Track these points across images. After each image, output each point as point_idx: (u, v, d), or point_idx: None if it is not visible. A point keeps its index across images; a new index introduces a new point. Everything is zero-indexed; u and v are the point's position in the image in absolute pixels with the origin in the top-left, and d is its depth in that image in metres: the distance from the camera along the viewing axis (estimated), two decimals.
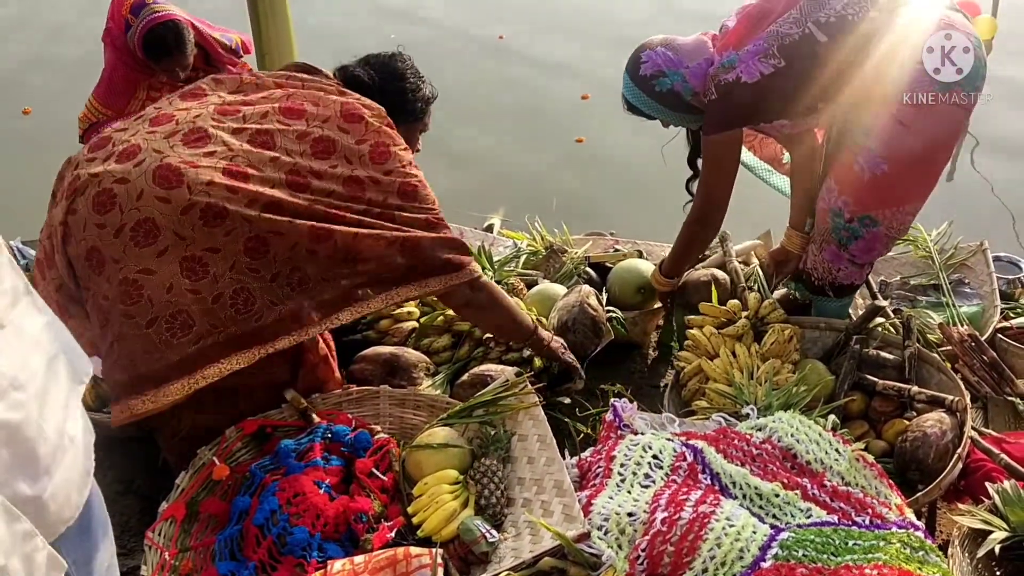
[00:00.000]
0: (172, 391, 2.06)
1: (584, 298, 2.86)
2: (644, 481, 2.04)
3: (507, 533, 2.02)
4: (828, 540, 1.85)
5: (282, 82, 2.41)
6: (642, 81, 2.74)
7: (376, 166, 2.27)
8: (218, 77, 2.46)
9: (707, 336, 2.76)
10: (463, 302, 2.41)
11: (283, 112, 2.28)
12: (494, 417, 2.29)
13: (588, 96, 5.89)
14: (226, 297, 2.09)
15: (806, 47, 2.51)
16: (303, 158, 2.21)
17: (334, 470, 2.16)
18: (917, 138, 2.52)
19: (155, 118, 2.28)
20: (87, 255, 2.11)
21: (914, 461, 2.28)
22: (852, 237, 2.72)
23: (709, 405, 2.56)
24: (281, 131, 2.23)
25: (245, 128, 2.22)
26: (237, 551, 2.00)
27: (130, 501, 2.67)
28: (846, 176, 2.66)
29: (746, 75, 2.55)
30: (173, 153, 2.14)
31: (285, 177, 2.16)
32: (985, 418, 2.61)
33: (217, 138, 2.18)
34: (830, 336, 2.82)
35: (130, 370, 2.07)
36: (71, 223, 2.13)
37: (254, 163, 2.15)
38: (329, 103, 2.32)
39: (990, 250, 3.37)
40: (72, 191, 2.15)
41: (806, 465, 2.11)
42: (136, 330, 2.06)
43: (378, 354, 2.76)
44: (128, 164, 2.13)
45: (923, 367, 2.66)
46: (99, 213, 2.09)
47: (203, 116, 2.25)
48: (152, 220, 2.06)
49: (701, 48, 2.69)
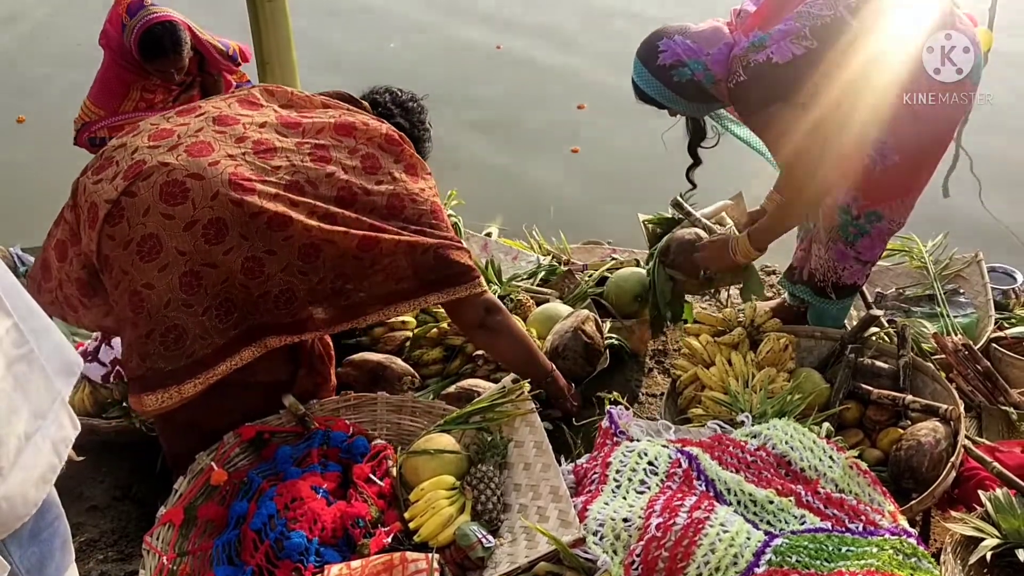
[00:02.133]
0: (219, 371, 2.17)
1: (580, 323, 2.83)
2: (639, 487, 2.05)
3: (503, 538, 2.03)
4: (822, 546, 1.86)
5: (328, 103, 2.52)
6: (660, 71, 2.69)
7: (413, 184, 2.41)
8: (270, 88, 2.54)
9: (703, 344, 2.78)
10: (477, 322, 2.47)
11: (336, 128, 2.39)
12: (491, 423, 2.30)
13: (584, 106, 5.91)
14: (271, 295, 2.20)
15: (838, 29, 2.51)
16: (355, 173, 2.32)
17: (331, 476, 2.17)
18: (927, 127, 2.54)
19: (218, 117, 2.35)
20: (140, 241, 2.15)
21: (908, 469, 2.30)
22: (859, 233, 2.72)
23: (705, 412, 2.57)
24: (335, 146, 2.35)
25: (305, 143, 2.33)
26: (235, 556, 2.01)
27: (128, 506, 2.68)
28: (857, 171, 2.65)
29: (778, 55, 2.52)
30: (245, 163, 2.22)
31: (336, 193, 2.27)
32: (979, 427, 2.63)
33: (282, 153, 2.28)
34: (825, 345, 2.83)
35: (183, 357, 2.14)
36: (126, 204, 2.16)
37: (312, 179, 2.26)
38: (372, 125, 2.44)
39: (984, 261, 3.38)
40: (134, 174, 2.18)
41: (800, 472, 2.12)
42: (194, 317, 2.14)
43: (365, 361, 2.77)
44: (202, 160, 2.20)
45: (917, 376, 2.67)
46: (168, 204, 2.15)
47: (268, 127, 2.34)
48: (224, 220, 2.15)
49: (719, 34, 2.67)
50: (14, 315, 1.36)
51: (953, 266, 3.40)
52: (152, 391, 2.13)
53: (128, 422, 2.71)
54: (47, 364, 1.42)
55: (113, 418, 2.75)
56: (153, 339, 2.13)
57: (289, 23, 3.87)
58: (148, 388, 2.13)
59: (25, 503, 1.34)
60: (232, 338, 2.18)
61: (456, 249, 2.39)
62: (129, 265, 2.15)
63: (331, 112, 2.46)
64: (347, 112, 2.48)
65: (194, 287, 2.14)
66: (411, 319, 3.03)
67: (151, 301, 2.13)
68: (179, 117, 2.38)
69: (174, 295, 2.13)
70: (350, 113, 2.48)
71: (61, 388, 1.46)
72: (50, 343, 1.47)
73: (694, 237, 2.99)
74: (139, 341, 2.14)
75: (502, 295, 3.10)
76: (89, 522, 2.62)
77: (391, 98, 2.68)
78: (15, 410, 1.32)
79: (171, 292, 2.13)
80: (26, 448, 1.34)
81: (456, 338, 2.91)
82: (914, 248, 3.47)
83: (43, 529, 1.53)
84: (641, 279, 3.21)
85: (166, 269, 2.13)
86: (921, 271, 3.41)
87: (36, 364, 1.39)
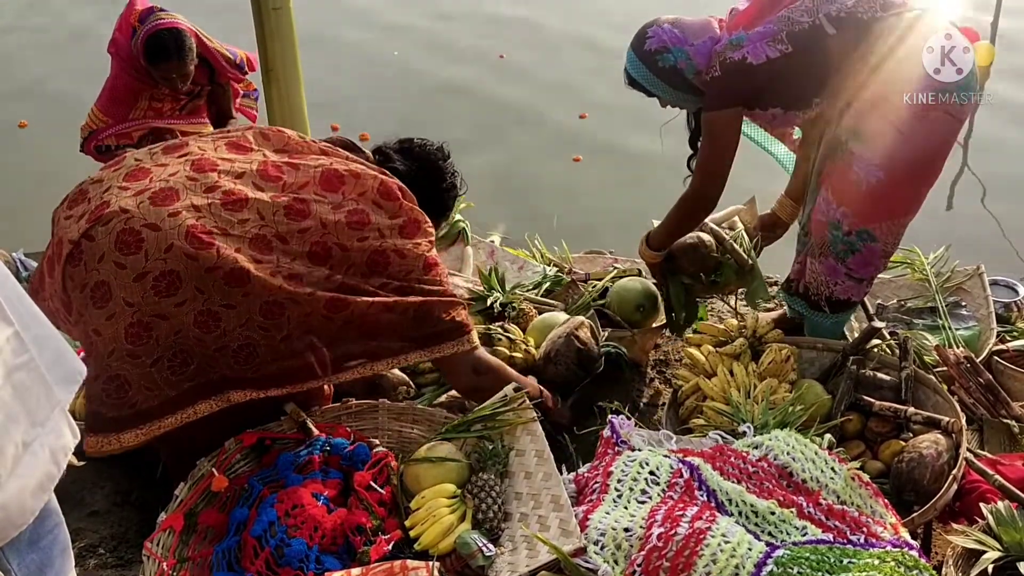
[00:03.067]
0: (166, 424, 2.12)
1: (573, 329, 2.82)
2: (641, 497, 2.05)
3: (504, 547, 2.03)
4: (823, 558, 1.85)
5: (327, 150, 2.45)
6: (646, 55, 2.74)
7: (405, 240, 2.33)
8: (264, 131, 2.49)
9: (705, 355, 2.78)
10: (465, 384, 2.47)
11: (323, 181, 2.32)
12: (492, 432, 2.29)
13: (586, 115, 5.93)
14: (230, 349, 2.14)
15: (814, 37, 2.54)
16: (335, 229, 2.26)
17: (332, 483, 2.17)
18: (911, 146, 2.54)
19: (197, 161, 2.30)
20: (94, 287, 2.12)
21: (910, 482, 2.30)
22: (849, 250, 2.73)
23: (706, 423, 2.57)
24: (317, 200, 2.28)
25: (281, 196, 2.27)
26: (235, 562, 2.01)
27: (128, 512, 2.68)
28: (843, 187, 2.67)
29: (752, 56, 2.56)
30: (210, 215, 2.17)
31: (309, 248, 2.22)
32: (980, 440, 2.62)
33: (253, 206, 2.22)
34: (827, 357, 2.83)
35: (124, 406, 2.10)
36: (85, 248, 2.14)
37: (282, 234, 2.21)
38: (365, 179, 2.37)
39: (987, 274, 3.39)
40: (96, 217, 2.15)
41: (802, 483, 2.12)
42: (140, 368, 2.10)
43: None
44: (162, 210, 2.15)
45: (919, 389, 2.67)
46: (121, 252, 2.11)
47: (246, 177, 2.28)
48: (177, 273, 2.10)
49: (707, 28, 2.72)
50: (15, 323, 1.36)
51: (955, 278, 3.41)
52: (94, 433, 2.11)
53: None
54: (48, 372, 1.42)
55: None
56: (98, 384, 2.11)
57: (295, 32, 3.88)
58: (91, 430, 2.12)
59: (22, 512, 1.34)
60: (186, 390, 2.12)
61: (445, 305, 2.34)
62: (83, 308, 2.13)
63: (323, 161, 2.38)
64: (341, 161, 2.41)
65: (142, 338, 2.09)
66: None
67: (97, 348, 2.12)
68: (163, 155, 2.35)
69: (118, 345, 2.09)
70: (345, 163, 2.40)
71: (62, 396, 1.46)
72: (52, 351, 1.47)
73: (696, 241, 3.00)
74: (88, 383, 2.10)
75: (504, 303, 3.09)
76: (89, 527, 2.62)
77: (398, 146, 2.62)
78: (13, 419, 1.31)
79: (116, 342, 2.09)
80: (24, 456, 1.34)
81: None
82: (916, 260, 3.47)
83: (42, 536, 1.53)
84: (643, 289, 3.21)
85: (113, 318, 2.10)
86: (923, 283, 3.41)
87: (36, 373, 1.39)
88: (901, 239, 2.79)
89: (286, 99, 3.93)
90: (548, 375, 2.72)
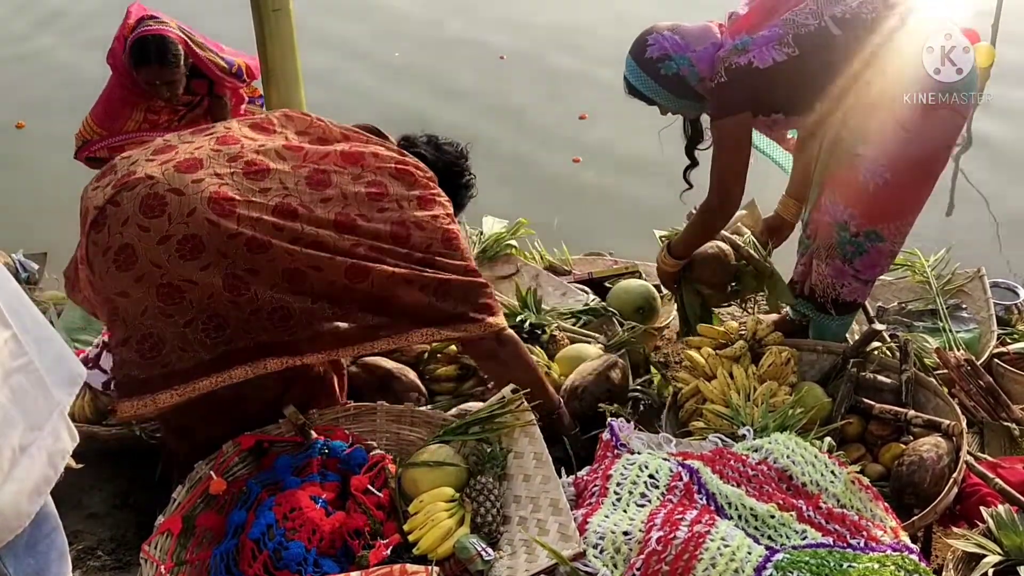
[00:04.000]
0: (201, 386, 2.13)
1: (606, 368, 2.71)
2: (640, 500, 2.05)
3: (503, 551, 2.02)
4: (823, 562, 1.85)
5: (349, 133, 2.47)
6: (647, 63, 2.71)
7: (423, 211, 2.34)
8: (289, 114, 2.51)
9: (705, 357, 2.77)
10: (488, 354, 2.44)
11: (343, 156, 2.35)
12: (490, 434, 2.29)
13: (586, 116, 5.92)
14: (264, 312, 2.17)
15: (821, 39, 2.52)
16: (356, 200, 2.28)
17: (330, 486, 2.17)
18: (916, 145, 2.54)
19: (222, 138, 2.34)
20: (118, 250, 2.14)
21: (910, 485, 2.29)
22: (857, 252, 2.73)
23: (706, 426, 2.56)
24: (337, 172, 2.31)
25: (303, 166, 2.30)
26: (233, 565, 2.00)
27: (126, 515, 2.68)
28: (849, 188, 2.66)
29: (758, 60, 2.54)
30: (232, 183, 2.20)
31: (334, 218, 2.24)
32: (981, 443, 2.62)
33: (275, 175, 2.25)
34: (827, 359, 2.83)
35: (158, 365, 2.13)
36: (110, 212, 2.17)
37: (306, 203, 2.23)
38: (387, 157, 2.40)
39: (987, 276, 3.38)
40: (121, 184, 2.19)
41: (802, 487, 2.12)
42: (174, 328, 2.13)
43: (377, 366, 2.75)
44: (186, 176, 2.19)
45: (920, 391, 2.67)
46: (145, 216, 2.14)
47: (267, 150, 2.31)
48: (199, 237, 2.13)
49: (708, 33, 2.69)
50: (14, 326, 1.36)
51: (956, 281, 3.40)
52: (128, 398, 2.13)
53: (128, 430, 2.70)
54: (46, 375, 1.42)
55: (113, 426, 2.74)
56: (130, 345, 2.13)
57: (294, 32, 3.87)
58: (123, 395, 2.14)
59: (18, 515, 1.33)
60: (221, 354, 2.14)
61: (469, 285, 2.33)
62: (105, 272, 2.16)
63: (345, 144, 2.40)
64: (363, 144, 2.43)
65: (175, 299, 2.12)
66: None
67: (127, 310, 2.14)
68: (191, 136, 2.39)
69: (151, 303, 2.12)
70: (367, 144, 2.43)
71: (61, 399, 1.46)
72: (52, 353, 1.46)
73: (717, 251, 2.99)
74: (116, 347, 2.15)
75: (535, 324, 3.00)
76: (87, 530, 2.62)
77: (425, 137, 2.63)
78: (11, 422, 1.31)
79: (148, 301, 2.12)
80: (20, 460, 1.33)
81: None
82: (916, 263, 3.47)
83: (39, 540, 1.53)
84: (642, 290, 3.21)
85: (142, 280, 2.12)
86: (924, 286, 3.40)
87: (35, 376, 1.39)
88: (905, 239, 2.79)
89: (286, 101, 3.92)
90: (568, 410, 2.62)
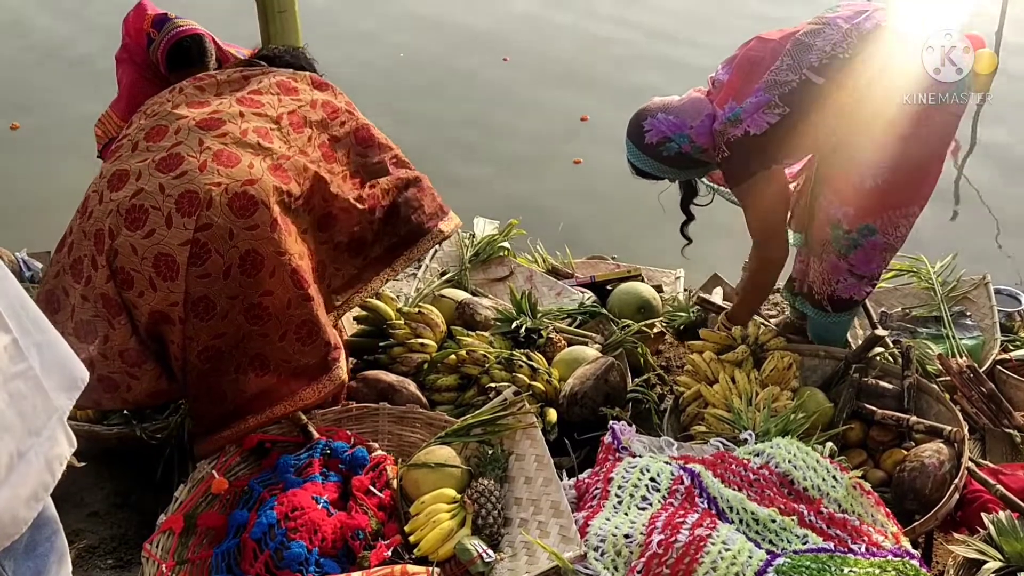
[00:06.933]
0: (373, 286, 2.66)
1: (603, 372, 2.70)
2: (641, 503, 2.05)
3: (504, 553, 2.02)
4: (824, 566, 1.85)
5: (249, 74, 2.64)
6: (649, 148, 2.74)
7: (333, 122, 2.56)
8: (200, 84, 2.66)
9: (706, 362, 2.77)
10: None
11: (279, 86, 2.58)
12: (492, 436, 2.29)
13: (587, 118, 5.92)
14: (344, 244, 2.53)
15: (807, 93, 2.55)
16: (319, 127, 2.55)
17: (332, 486, 2.17)
18: (916, 146, 2.56)
19: (241, 99, 2.50)
20: (241, 259, 2.21)
21: (911, 491, 2.29)
22: (852, 246, 2.73)
23: (707, 430, 2.56)
24: (297, 112, 2.54)
25: (281, 116, 2.48)
26: (234, 565, 2.01)
27: (128, 514, 2.68)
28: (847, 188, 2.67)
29: (754, 128, 2.57)
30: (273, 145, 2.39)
31: (321, 153, 2.50)
32: (983, 449, 2.62)
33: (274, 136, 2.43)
34: (829, 364, 2.83)
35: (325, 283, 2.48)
36: (206, 239, 2.18)
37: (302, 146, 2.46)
38: (272, 84, 2.59)
39: (992, 283, 3.37)
40: (192, 209, 2.18)
41: (803, 491, 2.12)
42: (270, 345, 2.30)
43: (378, 380, 2.69)
44: (243, 167, 2.28)
45: (922, 397, 2.66)
46: (243, 217, 2.23)
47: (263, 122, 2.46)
48: (288, 206, 2.36)
49: (700, 105, 2.70)
50: (14, 330, 1.36)
51: (961, 288, 3.38)
52: (327, 372, 2.40)
53: (129, 429, 2.70)
54: (46, 380, 1.41)
55: (114, 425, 2.74)
56: (288, 339, 2.31)
57: (300, 34, 3.88)
58: (310, 379, 2.38)
59: (15, 521, 1.32)
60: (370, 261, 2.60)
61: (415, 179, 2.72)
62: (237, 288, 2.21)
63: (268, 85, 2.57)
64: (272, 74, 2.63)
65: (306, 281, 2.33)
66: (431, 342, 2.92)
67: (274, 305, 2.27)
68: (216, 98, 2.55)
69: (292, 295, 2.30)
70: (274, 75, 2.61)
71: (61, 404, 1.45)
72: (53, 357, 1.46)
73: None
74: (275, 349, 2.30)
75: (531, 328, 2.97)
76: (89, 529, 2.62)
77: (283, 50, 2.90)
78: (8, 427, 1.31)
79: (288, 292, 2.29)
80: (18, 466, 1.33)
81: (473, 368, 2.77)
82: (922, 269, 3.46)
83: (39, 544, 1.52)
84: (643, 293, 3.21)
85: (275, 274, 2.26)
86: (928, 292, 3.39)
87: (34, 381, 1.38)
88: (905, 235, 2.77)
89: None
90: (571, 417, 2.63)
